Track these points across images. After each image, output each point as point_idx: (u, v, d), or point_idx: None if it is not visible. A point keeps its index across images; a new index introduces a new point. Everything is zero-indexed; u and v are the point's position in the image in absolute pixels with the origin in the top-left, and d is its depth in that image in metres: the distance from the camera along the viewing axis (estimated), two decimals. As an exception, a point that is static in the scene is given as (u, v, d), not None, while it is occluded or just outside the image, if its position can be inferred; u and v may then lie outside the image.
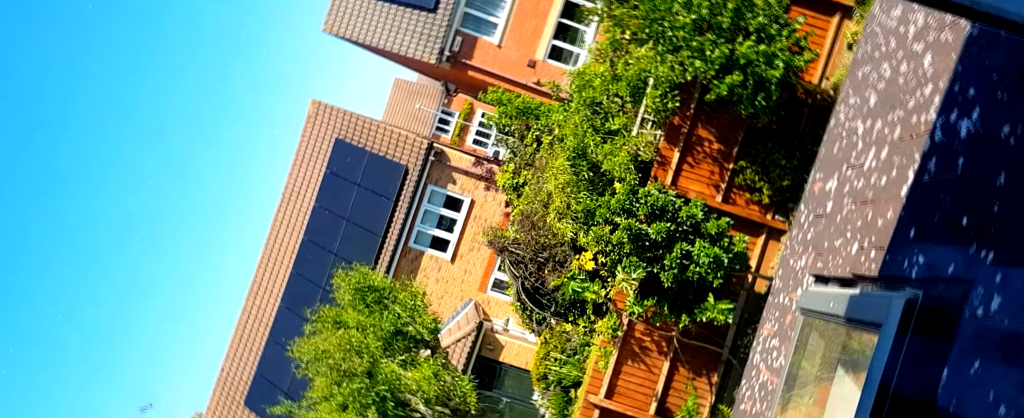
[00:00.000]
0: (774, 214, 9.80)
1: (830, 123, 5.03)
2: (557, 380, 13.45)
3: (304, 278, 21.30)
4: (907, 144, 3.56)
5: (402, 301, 13.64)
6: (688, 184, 10.03)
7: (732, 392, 9.71)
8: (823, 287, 4.27)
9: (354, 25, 20.30)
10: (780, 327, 4.94)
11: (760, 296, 9.64)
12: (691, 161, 10.04)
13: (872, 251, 3.60)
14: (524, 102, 15.05)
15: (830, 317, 4.05)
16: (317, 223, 21.37)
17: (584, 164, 10.09)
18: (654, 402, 9.84)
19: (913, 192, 3.31)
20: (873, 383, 2.54)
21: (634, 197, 9.06)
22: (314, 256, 21.21)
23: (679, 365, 9.90)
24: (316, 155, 21.58)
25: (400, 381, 12.18)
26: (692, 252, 8.53)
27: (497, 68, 18.88)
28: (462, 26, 19.03)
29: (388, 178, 19.86)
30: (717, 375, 9.78)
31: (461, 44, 18.93)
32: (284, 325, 20.70)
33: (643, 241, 8.82)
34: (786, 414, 5.03)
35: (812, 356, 4.88)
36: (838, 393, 4.41)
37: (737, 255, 8.60)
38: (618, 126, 10.27)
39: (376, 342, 12.74)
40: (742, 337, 9.70)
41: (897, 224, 3.41)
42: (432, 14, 18.86)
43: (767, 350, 5.08)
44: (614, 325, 9.89)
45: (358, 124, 20.83)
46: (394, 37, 19.50)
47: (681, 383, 9.91)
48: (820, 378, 4.77)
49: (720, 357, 9.81)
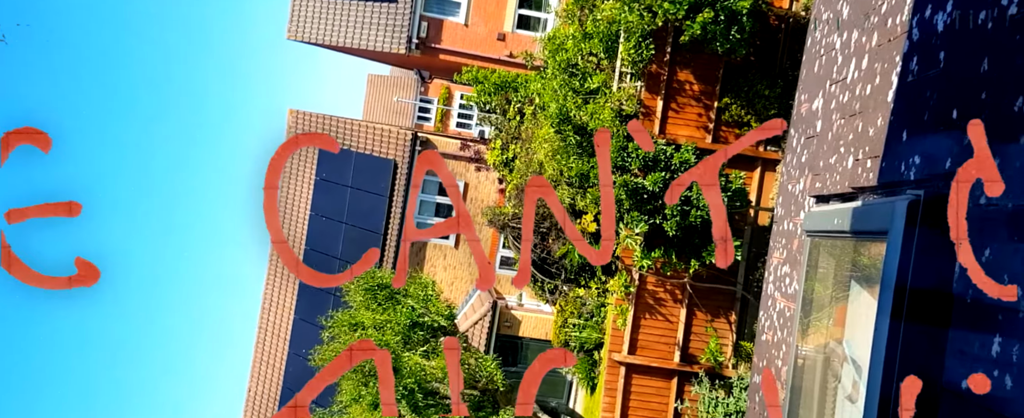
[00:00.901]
0: (765, 145, 9.79)
1: (807, 43, 4.99)
2: (579, 345, 13.53)
3: (313, 288, 21.32)
4: (886, 48, 3.53)
5: (413, 293, 13.64)
6: (676, 130, 10.00)
7: (752, 327, 9.78)
8: (825, 206, 4.26)
9: (318, 28, 20.10)
10: (788, 253, 4.94)
11: (764, 228, 9.66)
12: (675, 107, 10.00)
13: (868, 161, 3.59)
14: (500, 77, 14.95)
15: (836, 234, 4.05)
16: (316, 231, 21.34)
17: (569, 128, 10.05)
18: (677, 350, 9.91)
19: (899, 95, 3.29)
20: (888, 284, 2.54)
21: (624, 152, 9.03)
22: (319, 264, 21.21)
23: (696, 310, 9.94)
24: (303, 164, 21.49)
25: (425, 372, 12.23)
26: (690, 196, 8.52)
27: (467, 47, 18.74)
28: (426, 11, 18.85)
29: (378, 175, 19.80)
30: (734, 313, 9.84)
31: (428, 29, 18.77)
32: (302, 337, 20.77)
33: (641, 194, 8.81)
34: (808, 338, 5.06)
35: (824, 278, 4.89)
36: (855, 310, 4.42)
37: (736, 192, 8.60)
38: (597, 84, 10.20)
39: (394, 338, 12.76)
40: (753, 272, 9.74)
41: (888, 130, 3.40)
42: (394, 4, 18.68)
43: (779, 278, 5.09)
44: (626, 282, 9.92)
45: (340, 126, 20.71)
46: (360, 33, 19.32)
47: (701, 327, 9.97)
48: (835, 298, 4.78)
49: (734, 295, 9.85)
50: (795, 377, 4.90)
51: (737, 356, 9.88)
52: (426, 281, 14.46)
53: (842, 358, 4.39)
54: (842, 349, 4.44)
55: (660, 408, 9.95)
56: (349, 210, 20.48)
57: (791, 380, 4.85)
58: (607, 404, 10.08)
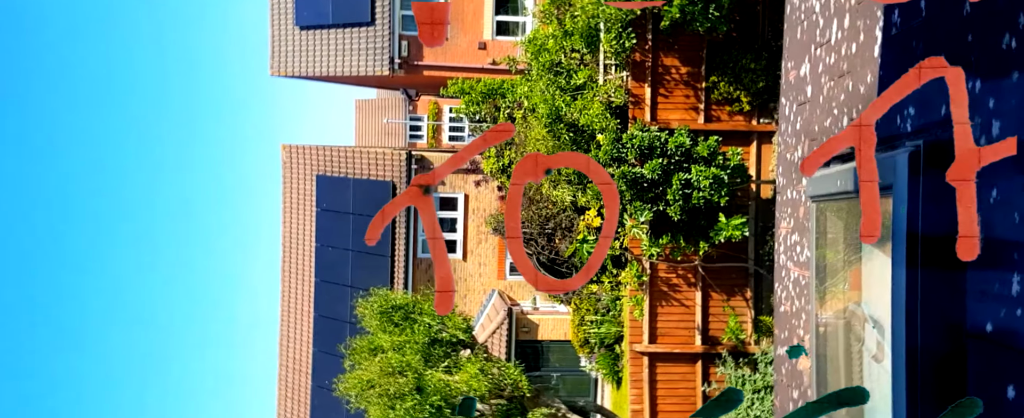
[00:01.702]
0: (758, 118, 9.79)
1: (786, 11, 5.00)
2: (599, 341, 13.49)
3: (328, 318, 21.31)
4: (867, 5, 3.53)
5: (428, 311, 13.63)
6: (668, 115, 10.00)
7: (769, 301, 9.75)
8: (826, 170, 4.26)
9: (300, 61, 20.17)
10: (796, 221, 4.93)
11: (768, 201, 9.65)
12: (664, 92, 10.01)
13: (862, 119, 3.58)
14: (486, 85, 14.97)
15: (840, 196, 4.04)
16: (324, 262, 21.34)
17: (561, 126, 10.05)
18: (697, 333, 9.88)
19: (886, 49, 3.29)
20: (900, 235, 2.53)
21: (619, 143, 9.03)
22: (331, 295, 21.21)
23: (710, 291, 9.92)
24: (302, 197, 21.52)
25: (449, 387, 12.20)
26: (691, 179, 8.51)
27: (450, 60, 18.79)
28: (404, 30, 18.91)
29: (378, 199, 19.81)
30: (749, 289, 9.81)
31: (408, 47, 18.82)
32: (323, 368, 20.74)
33: (641, 183, 8.80)
34: (826, 305, 5.04)
35: (834, 242, 4.88)
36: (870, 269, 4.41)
37: (735, 168, 8.59)
38: (583, 80, 10.22)
39: (415, 357, 12.74)
40: (762, 246, 9.71)
41: (879, 85, 3.40)
42: (371, 27, 18.74)
43: (790, 248, 5.08)
44: (637, 272, 9.90)
45: (334, 155, 20.75)
46: (342, 60, 19.38)
47: (718, 307, 9.94)
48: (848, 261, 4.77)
49: (747, 272, 9.83)
50: (818, 345, 4.88)
51: (758, 332, 9.84)
52: (439, 297, 14.41)
53: (863, 319, 4.38)
54: (862, 310, 4.43)
55: (688, 393, 9.92)
56: (354, 237, 20.49)
57: (814, 348, 4.83)
58: (635, 396, 10.05)
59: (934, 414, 2.67)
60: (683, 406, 9.94)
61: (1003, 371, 2.40)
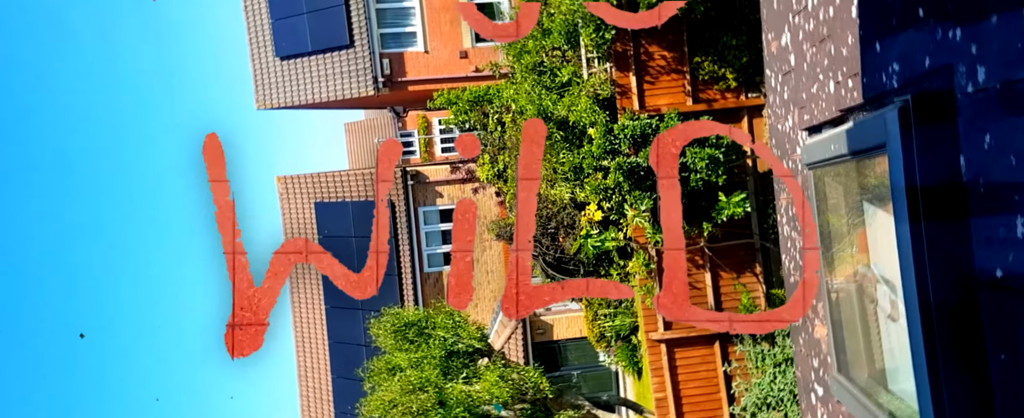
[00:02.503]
0: (746, 93, 9.79)
1: (759, -16, 5.00)
2: (615, 334, 13.47)
3: (343, 343, 21.29)
4: (837, -33, 3.54)
5: (442, 324, 13.63)
6: (656, 101, 10.01)
7: (778, 274, 9.74)
8: (818, 136, 4.26)
9: (284, 92, 20.19)
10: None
11: (766, 174, 9.65)
12: (650, 79, 10.02)
13: (849, 81, 3.58)
14: (472, 93, 14.99)
15: (836, 160, 4.04)
16: (331, 288, 21.30)
17: (551, 125, 10.06)
18: (712, 314, 9.88)
19: (863, 8, 3.29)
20: (899, 191, 2.53)
21: (611, 135, 9.04)
22: (343, 319, 21.19)
23: (719, 271, 9.91)
24: (303, 226, 21.52)
25: (471, 398, 12.19)
26: (686, 162, 8.52)
27: (433, 73, 18.82)
28: (384, 48, 18.94)
29: (379, 218, 19.80)
30: (758, 265, 9.81)
31: (390, 65, 18.85)
32: (344, 394, 20.71)
33: (638, 172, 8.81)
34: (836, 272, 5.03)
35: (836, 207, 4.87)
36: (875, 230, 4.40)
37: (729, 146, 8.59)
38: (568, 77, 10.23)
39: (433, 372, 12.74)
40: (765, 220, 9.71)
41: (861, 45, 3.40)
42: (351, 49, 18.77)
43: (792, 218, 5.07)
44: (644, 261, 9.90)
45: (329, 181, 20.77)
46: (326, 86, 19.41)
47: (729, 286, 9.93)
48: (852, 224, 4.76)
49: (754, 247, 9.83)
50: (833, 312, 4.87)
51: (771, 305, 9.84)
52: (451, 309, 14.44)
53: (874, 281, 4.37)
54: (872, 272, 4.42)
55: (709, 375, 9.90)
56: (358, 260, 20.45)
57: (829, 315, 4.82)
58: (657, 384, 10.04)
59: (955, 366, 2.66)
60: (706, 388, 9.93)
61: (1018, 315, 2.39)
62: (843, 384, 4.13)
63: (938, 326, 2.60)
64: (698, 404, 9.90)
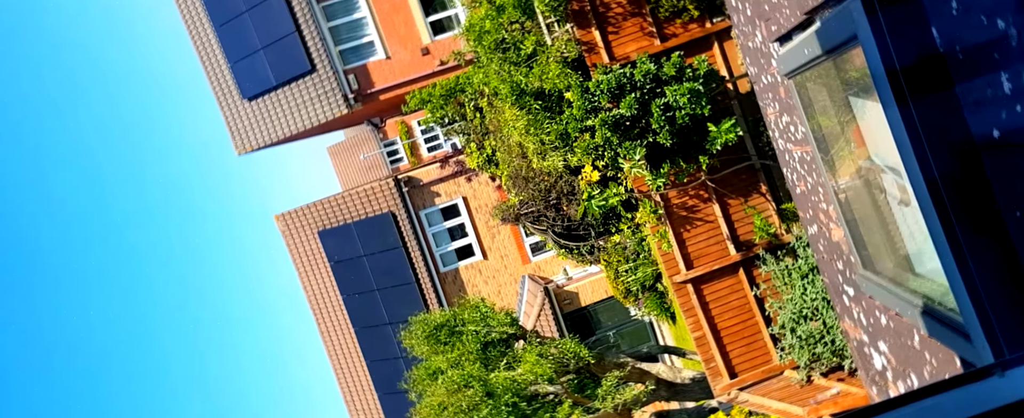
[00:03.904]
0: (711, 19, 9.74)
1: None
2: (640, 286, 13.53)
3: (380, 361, 21.41)
4: None
5: (470, 318, 13.69)
6: (624, 49, 9.96)
7: (784, 188, 9.75)
8: (789, 44, 4.25)
9: (259, 132, 20.11)
10: (781, 103, 4.93)
11: (749, 94, 9.62)
12: (613, 29, 9.96)
13: (806, -18, 3.57)
14: (442, 87, 14.93)
15: (813, 63, 4.04)
16: (356, 310, 21.41)
17: (528, 99, 10.04)
18: (729, 243, 9.89)
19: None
20: (880, 77, 2.53)
21: (588, 94, 9.01)
22: (375, 338, 21.30)
23: (727, 200, 9.92)
24: (312, 257, 21.56)
25: (516, 382, 12.28)
26: (669, 101, 8.50)
27: (400, 76, 18.73)
28: (346, 64, 18.85)
29: (383, 233, 19.85)
30: (763, 184, 9.81)
31: (357, 79, 18.77)
32: (393, 410, 20.86)
33: (623, 124, 8.79)
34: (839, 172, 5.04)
35: (824, 109, 4.87)
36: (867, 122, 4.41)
37: (706, 76, 8.57)
38: (532, 47, 10.19)
39: (474, 366, 12.82)
40: (759, 140, 9.70)
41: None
42: (314, 73, 18.67)
43: (784, 130, 5.07)
44: (652, 208, 9.91)
45: (327, 207, 20.78)
46: (299, 115, 19.33)
47: (739, 212, 9.95)
48: (844, 123, 4.76)
49: (754, 168, 9.82)
50: (845, 213, 4.89)
51: (785, 220, 9.86)
52: (475, 301, 14.50)
53: (878, 172, 4.38)
54: (874, 164, 4.43)
55: (741, 303, 9.94)
56: (375, 277, 20.53)
57: (842, 216, 4.84)
58: (692, 323, 10.09)
59: (974, 233, 2.68)
60: (741, 316, 9.98)
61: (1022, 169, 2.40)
62: (871, 279, 4.16)
63: (949, 198, 2.61)
64: (736, 333, 9.97)
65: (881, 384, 4.41)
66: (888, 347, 4.21)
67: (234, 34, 19.45)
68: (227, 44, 19.66)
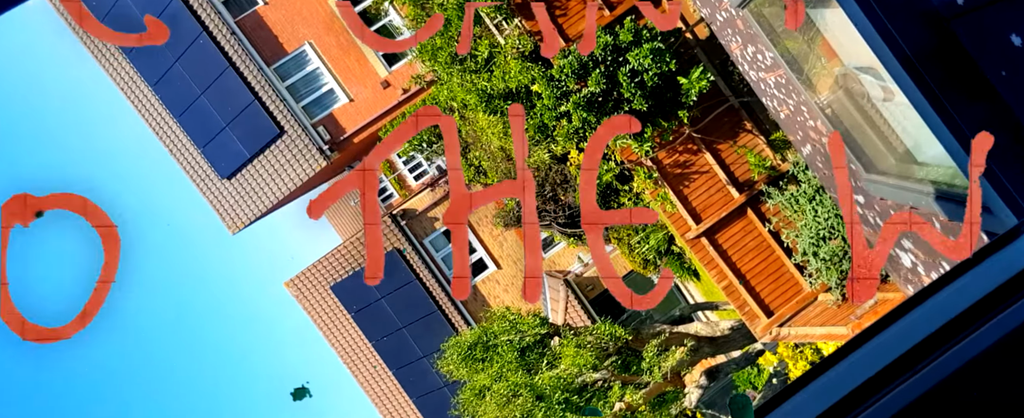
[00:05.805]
0: (651, -22, 9.77)
1: None
2: (656, 253, 13.52)
3: (425, 395, 21.36)
4: None
5: (500, 329, 13.67)
6: (577, 28, 9.99)
7: (769, 120, 9.75)
8: (733, -25, 4.26)
9: (246, 207, 20.09)
10: (741, 35, 4.93)
11: (710, 38, 9.64)
12: (559, 11, 9.99)
13: (732, -89, 3.58)
14: (411, 113, 14.94)
15: (761, -13, 4.04)
16: (388, 352, 21.38)
17: (497, 101, 10.04)
18: (730, 187, 9.90)
19: None
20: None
21: (555, 81, 9.03)
22: (414, 374, 21.26)
23: (716, 146, 9.93)
24: (332, 314, 21.53)
25: (561, 379, 12.25)
26: (634, 67, 8.51)
27: (368, 115, 18.76)
28: (313, 118, 18.86)
29: (394, 270, 19.84)
30: (747, 121, 9.82)
31: (327, 129, 18.78)
32: (449, 439, 20.79)
33: (595, 101, 8.80)
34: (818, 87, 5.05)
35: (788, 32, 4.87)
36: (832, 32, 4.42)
37: (663, 32, 8.59)
38: (487, 52, 10.21)
39: (516, 376, 12.79)
40: (730, 79, 9.72)
41: None
42: (285, 135, 18.68)
43: (753, 61, 5.08)
44: (645, 175, 9.92)
45: (333, 261, 20.77)
46: (280, 180, 19.33)
47: (731, 155, 9.95)
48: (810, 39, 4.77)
49: (734, 108, 9.83)
50: (834, 123, 4.89)
51: (778, 150, 9.87)
52: (501, 312, 14.47)
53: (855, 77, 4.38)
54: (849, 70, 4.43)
55: (757, 241, 9.94)
56: (397, 314, 20.52)
57: (833, 128, 4.84)
58: (716, 274, 10.08)
59: (965, 103, 2.67)
60: (761, 255, 9.98)
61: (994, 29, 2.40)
62: (878, 180, 4.15)
63: (930, 75, 2.61)
64: (761, 272, 9.96)
65: (914, 280, 4.40)
66: (912, 243, 4.20)
67: (196, 119, 19.45)
68: (192, 131, 19.66)
